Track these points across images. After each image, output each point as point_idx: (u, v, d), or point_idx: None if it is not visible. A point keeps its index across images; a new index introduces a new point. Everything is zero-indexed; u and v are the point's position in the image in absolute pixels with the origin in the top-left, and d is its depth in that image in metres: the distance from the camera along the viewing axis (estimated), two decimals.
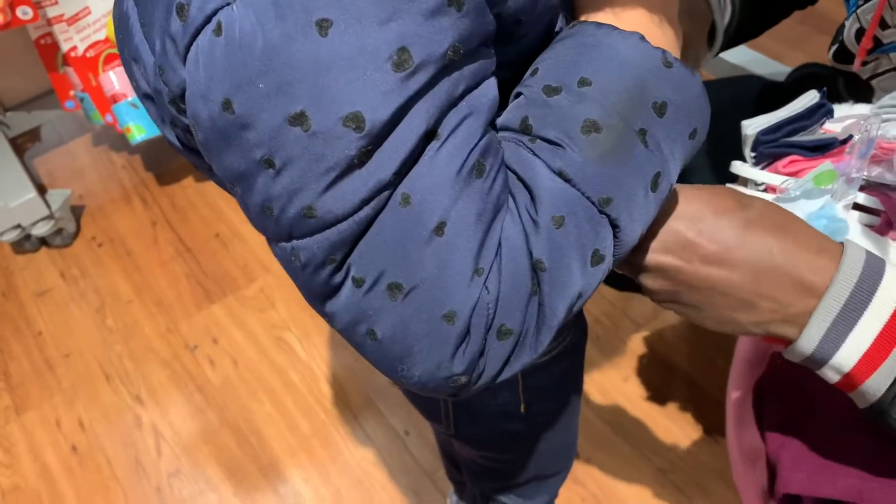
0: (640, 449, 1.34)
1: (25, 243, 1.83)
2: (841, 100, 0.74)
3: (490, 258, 0.38)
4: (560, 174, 0.39)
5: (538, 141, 0.40)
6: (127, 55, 0.43)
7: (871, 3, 0.74)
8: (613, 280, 1.13)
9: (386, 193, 0.36)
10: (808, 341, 0.50)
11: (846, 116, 0.69)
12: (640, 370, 1.44)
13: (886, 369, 0.51)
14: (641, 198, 0.41)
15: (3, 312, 1.77)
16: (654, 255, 0.49)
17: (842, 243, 0.51)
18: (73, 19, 1.67)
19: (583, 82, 0.40)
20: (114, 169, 2.09)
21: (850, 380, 0.53)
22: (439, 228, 0.37)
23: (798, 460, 0.66)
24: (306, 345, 1.58)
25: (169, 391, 1.55)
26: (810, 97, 0.69)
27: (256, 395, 1.52)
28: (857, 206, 0.63)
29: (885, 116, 0.66)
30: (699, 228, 0.48)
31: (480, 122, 0.38)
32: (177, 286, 1.74)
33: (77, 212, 1.95)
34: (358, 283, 0.38)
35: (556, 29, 0.45)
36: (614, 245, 0.42)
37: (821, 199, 0.63)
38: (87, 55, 1.71)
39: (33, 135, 2.10)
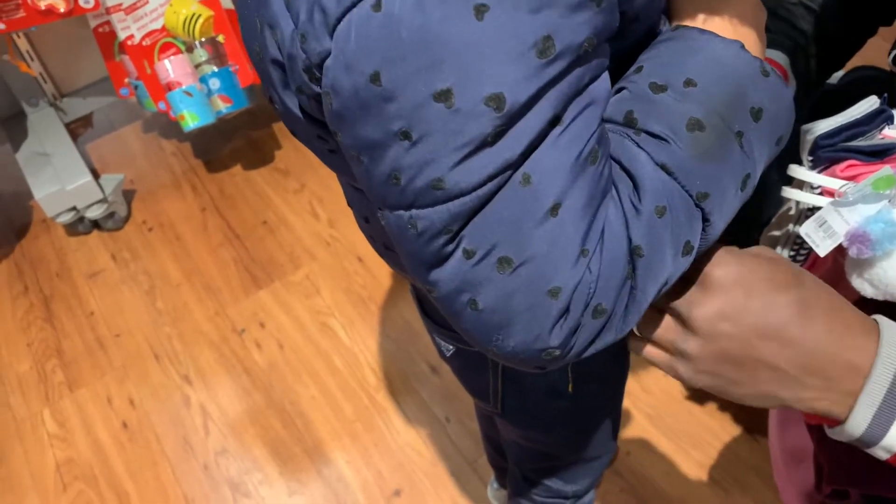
0: (679, 443, 1.36)
1: (79, 226, 1.89)
2: None
3: (595, 241, 0.40)
4: (663, 167, 0.42)
5: (643, 134, 0.42)
6: (258, 21, 0.45)
7: None
8: None
9: (509, 172, 0.38)
10: (857, 426, 0.49)
11: None
12: None
13: None
14: (733, 196, 0.44)
15: (56, 292, 1.82)
16: (710, 321, 0.47)
17: (875, 321, 0.50)
18: (131, 8, 1.72)
19: (688, 83, 0.43)
20: (164, 155, 2.14)
21: None
22: (554, 209, 0.39)
23: (846, 456, 0.67)
24: (350, 331, 1.61)
25: (217, 372, 1.60)
26: (870, 102, 0.70)
27: (301, 378, 1.56)
28: None
29: None
30: (758, 302, 0.47)
31: (598, 112, 0.41)
32: (225, 271, 1.79)
33: (128, 196, 2.00)
34: (469, 254, 0.40)
35: (659, 30, 0.48)
36: (705, 237, 0.44)
37: (878, 203, 0.65)
38: (144, 44, 1.75)
39: (86, 120, 2.15)
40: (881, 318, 0.50)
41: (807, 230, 0.65)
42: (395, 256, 0.57)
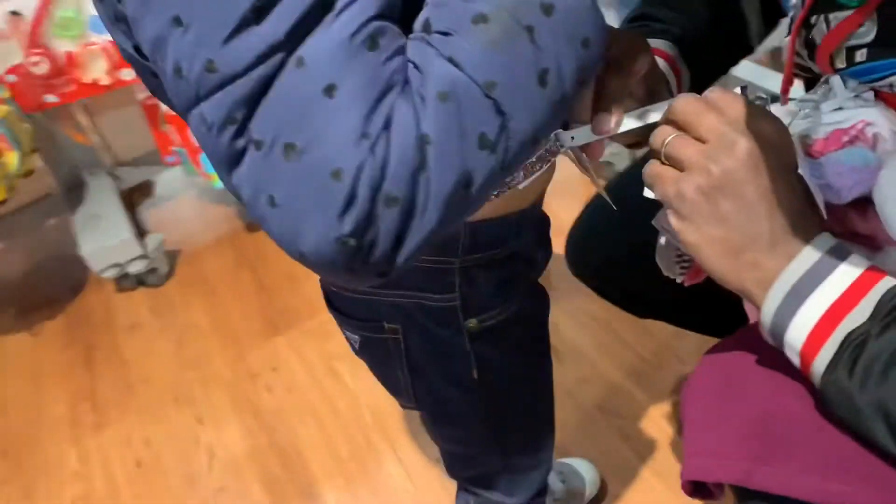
0: (676, 491, 1.28)
1: (124, 281, 2.02)
2: None
3: (378, 127, 0.41)
4: (450, 59, 0.43)
5: (434, 34, 0.44)
6: None
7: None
8: (632, 305, 1.12)
9: (281, 55, 0.40)
10: (767, 312, 0.52)
11: None
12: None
13: (826, 351, 0.51)
14: (531, 91, 0.44)
15: (99, 342, 1.94)
16: (724, 130, 0.52)
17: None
18: None
19: None
20: (212, 218, 2.28)
21: (804, 361, 0.53)
22: (329, 90, 0.40)
23: (696, 446, 0.64)
24: (355, 376, 1.63)
25: (227, 414, 1.65)
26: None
27: (304, 419, 1.58)
28: None
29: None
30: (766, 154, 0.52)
31: (371, 3, 0.42)
32: (249, 320, 1.86)
33: (174, 255, 2.13)
34: (258, 145, 0.42)
35: None
36: (505, 133, 0.44)
37: None
38: None
39: (145, 188, 2.34)
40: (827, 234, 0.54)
41: (660, 222, 0.65)
42: None
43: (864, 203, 0.61)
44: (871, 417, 0.51)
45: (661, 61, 0.76)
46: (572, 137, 0.61)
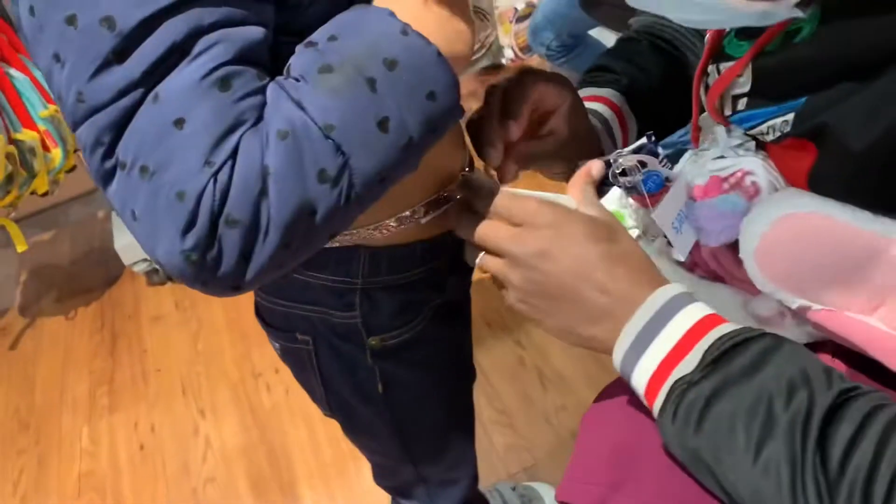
0: None
1: (154, 276, 2.15)
2: None
3: (223, 157, 0.46)
4: (297, 102, 0.49)
5: (290, 79, 0.50)
6: None
7: None
8: None
9: (141, 91, 0.46)
10: (616, 361, 0.57)
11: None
12: None
13: (659, 399, 0.55)
14: (371, 135, 0.49)
15: (124, 331, 2.07)
16: (532, 257, 0.59)
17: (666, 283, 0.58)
18: None
19: (331, 38, 0.51)
20: None
21: (649, 405, 0.58)
22: (178, 123, 0.46)
23: (572, 467, 0.68)
24: None
25: (228, 409, 1.74)
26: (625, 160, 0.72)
27: (296, 421, 1.66)
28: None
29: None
30: (576, 248, 0.58)
31: (228, 50, 0.48)
32: None
33: None
34: (123, 166, 0.47)
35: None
36: (348, 172, 0.49)
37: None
38: None
39: None
40: (674, 285, 0.58)
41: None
42: None
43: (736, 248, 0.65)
44: (693, 464, 0.54)
45: (605, 109, 0.81)
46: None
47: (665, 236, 0.66)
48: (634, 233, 0.70)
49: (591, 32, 1.99)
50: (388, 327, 0.75)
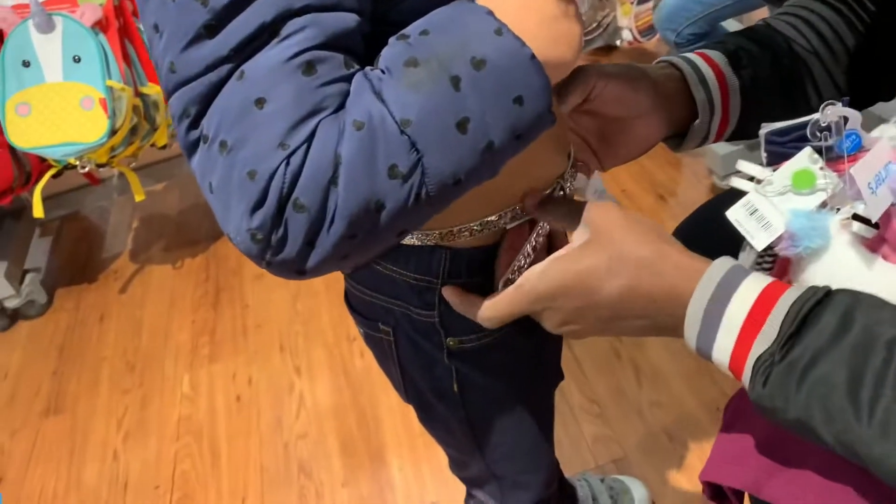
0: None
1: None
2: None
3: (298, 140, 0.46)
4: (378, 94, 0.48)
5: (377, 70, 0.50)
6: None
7: None
8: None
9: (228, 67, 0.47)
10: (689, 339, 0.56)
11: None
12: None
13: (745, 378, 0.54)
14: (448, 135, 0.48)
15: (227, 285, 2.14)
16: (557, 328, 0.61)
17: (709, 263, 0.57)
18: None
19: (423, 32, 0.50)
20: None
21: (735, 375, 0.56)
22: (260, 102, 0.46)
23: (720, 450, 0.66)
24: None
25: (322, 369, 1.78)
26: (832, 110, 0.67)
27: (387, 389, 1.67)
28: (856, 216, 0.62)
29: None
30: (586, 304, 0.59)
31: (317, 35, 0.48)
32: None
33: None
34: (205, 139, 0.49)
35: None
36: (421, 170, 0.48)
37: (810, 196, 0.63)
38: None
39: None
40: (721, 260, 0.57)
41: (736, 216, 0.64)
42: None
43: None
44: (801, 432, 0.52)
45: (704, 64, 0.76)
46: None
47: (852, 205, 0.61)
48: (820, 197, 0.65)
49: (725, 24, 1.93)
50: (465, 330, 0.73)
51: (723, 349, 0.54)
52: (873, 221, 0.59)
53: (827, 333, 0.50)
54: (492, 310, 0.64)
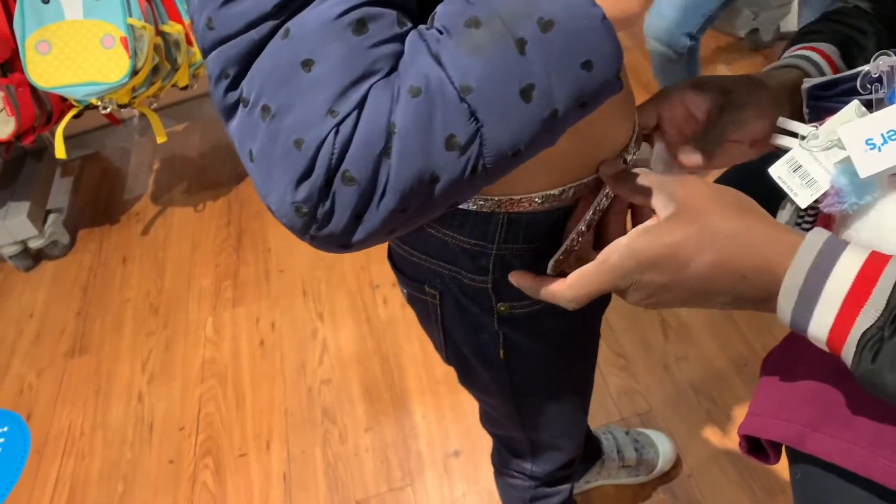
0: (749, 483, 1.27)
1: None
2: None
3: (348, 107, 0.42)
4: (435, 57, 0.44)
5: (433, 30, 0.46)
6: None
7: None
8: None
9: (271, 24, 0.44)
10: (783, 312, 0.54)
11: None
12: None
13: (846, 352, 0.52)
14: (511, 103, 0.44)
15: (249, 228, 2.13)
16: (642, 303, 0.57)
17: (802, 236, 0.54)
18: None
19: None
20: None
21: (832, 349, 0.54)
22: (306, 64, 0.42)
23: (760, 403, 0.65)
24: None
25: (345, 316, 1.78)
26: (885, 60, 0.64)
27: (410, 337, 1.68)
28: None
29: None
30: (675, 279, 0.55)
31: None
32: None
33: None
34: (245, 103, 0.45)
35: None
36: (480, 141, 0.45)
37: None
38: None
39: None
40: (816, 231, 0.54)
41: (779, 173, 0.62)
42: None
43: None
44: None
45: (819, 58, 0.74)
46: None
47: None
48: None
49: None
50: (518, 295, 0.69)
51: (822, 324, 0.52)
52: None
53: None
54: (576, 288, 0.59)
